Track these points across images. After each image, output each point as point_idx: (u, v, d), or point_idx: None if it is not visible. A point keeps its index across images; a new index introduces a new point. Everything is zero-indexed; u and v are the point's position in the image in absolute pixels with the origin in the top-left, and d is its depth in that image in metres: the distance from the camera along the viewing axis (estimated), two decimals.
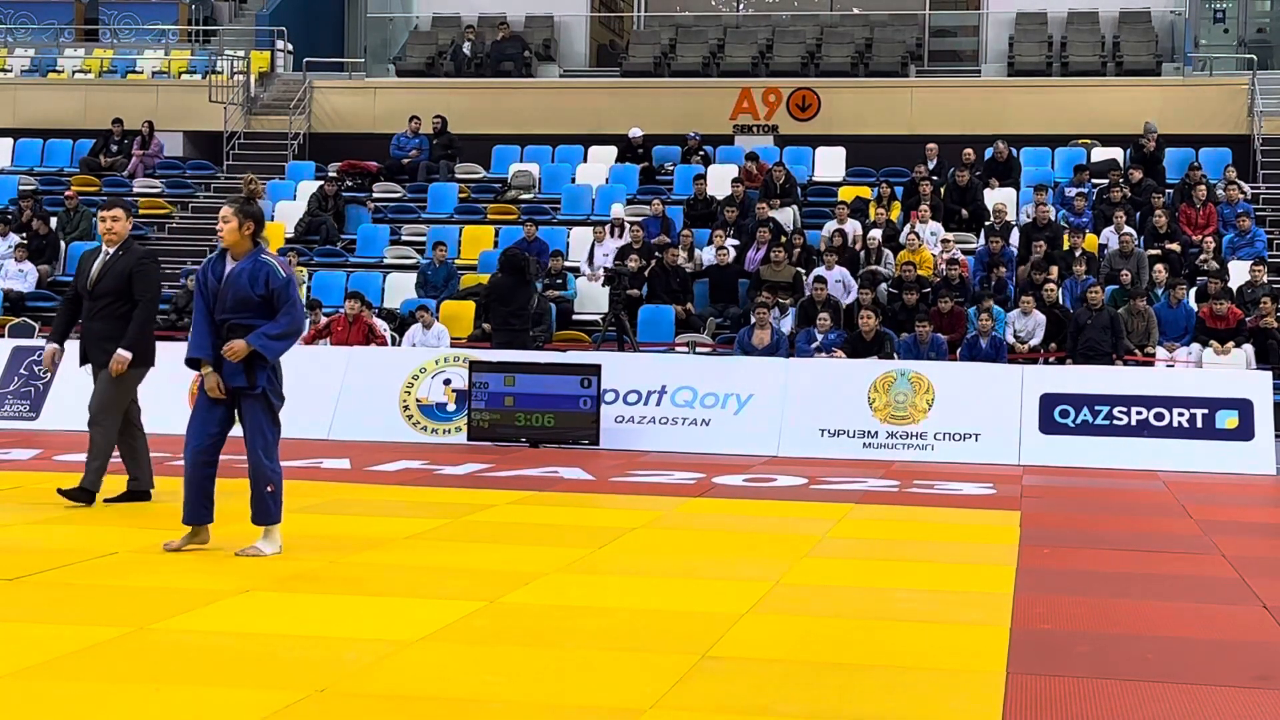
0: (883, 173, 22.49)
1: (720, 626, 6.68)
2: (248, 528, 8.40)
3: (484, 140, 24.91)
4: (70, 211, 22.17)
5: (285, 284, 8.08)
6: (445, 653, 6.15)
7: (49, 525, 8.63)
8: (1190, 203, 20.21)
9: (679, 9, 29.08)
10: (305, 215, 22.26)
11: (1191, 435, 14.87)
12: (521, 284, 17.28)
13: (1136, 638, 6.74)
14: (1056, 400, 15.13)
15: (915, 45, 27.22)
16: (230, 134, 25.79)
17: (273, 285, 8.05)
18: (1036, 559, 8.83)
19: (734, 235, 20.05)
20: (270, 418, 8.20)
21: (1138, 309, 17.23)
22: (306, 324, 8.38)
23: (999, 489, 12.61)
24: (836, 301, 17.93)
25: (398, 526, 9.58)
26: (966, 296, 17.92)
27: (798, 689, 5.68)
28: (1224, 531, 10.27)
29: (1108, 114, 24.01)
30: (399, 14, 29.47)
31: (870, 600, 7.48)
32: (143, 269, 9.90)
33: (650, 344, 17.99)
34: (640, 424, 15.52)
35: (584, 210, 22.34)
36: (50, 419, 15.69)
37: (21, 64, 28.15)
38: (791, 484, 12.60)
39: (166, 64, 27.96)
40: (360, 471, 12.83)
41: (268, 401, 8.16)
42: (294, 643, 6.24)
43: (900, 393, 15.31)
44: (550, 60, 27.88)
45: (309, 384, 16.13)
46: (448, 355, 16.30)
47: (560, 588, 7.64)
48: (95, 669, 5.75)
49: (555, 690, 5.59)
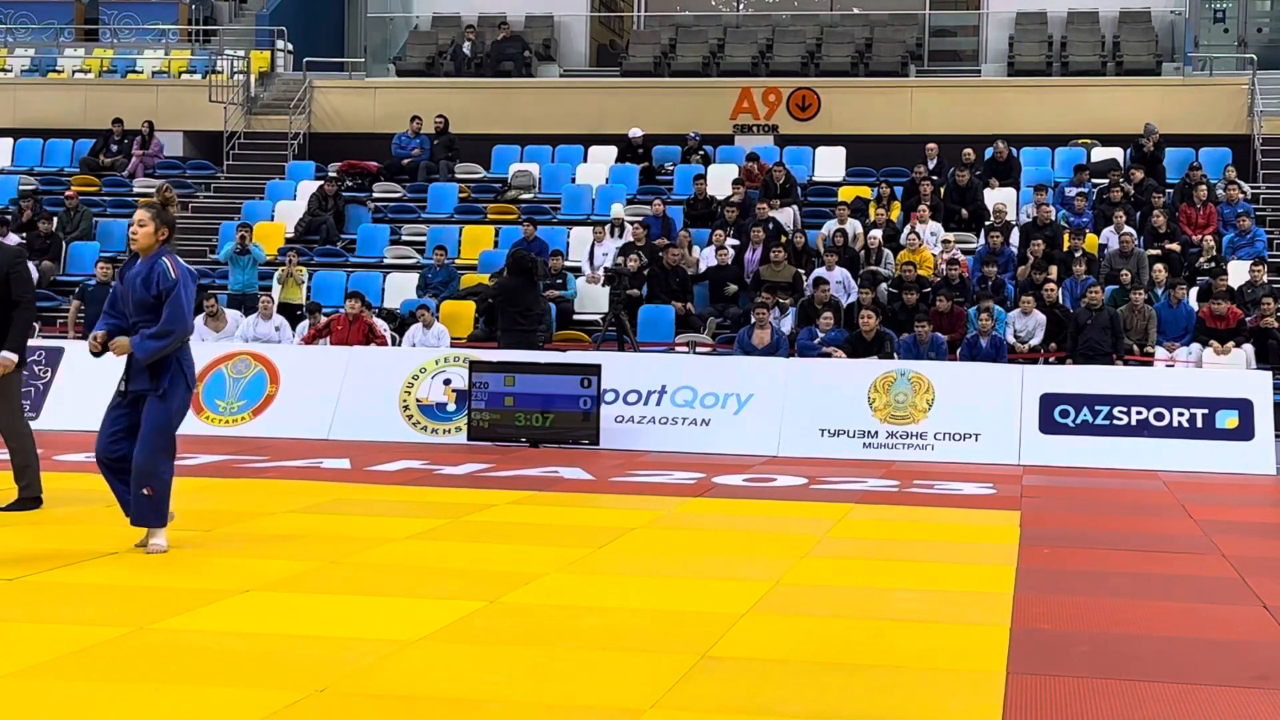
0: (883, 173, 22.49)
1: (720, 626, 6.68)
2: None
3: (484, 140, 24.91)
4: (70, 211, 22.17)
5: (173, 285, 8.14)
6: (445, 653, 6.15)
7: (49, 525, 8.63)
8: (1190, 203, 20.21)
9: (679, 9, 29.07)
10: (305, 215, 22.27)
11: (1191, 435, 14.87)
12: (530, 285, 17.29)
13: (1136, 638, 6.74)
14: (1056, 400, 15.13)
15: (915, 45, 27.22)
16: (230, 134, 25.78)
17: (162, 286, 8.16)
18: (1036, 559, 8.83)
19: (734, 235, 20.05)
20: (169, 420, 8.23)
21: (1138, 306, 17.23)
22: (192, 325, 8.53)
23: (999, 489, 12.61)
24: (837, 301, 17.93)
25: (398, 526, 9.58)
26: (966, 296, 17.92)
27: (798, 689, 5.68)
28: (1224, 531, 10.26)
29: (1108, 114, 24.01)
30: (399, 14, 29.46)
31: (870, 600, 7.48)
32: (18, 270, 9.81)
33: (650, 344, 17.99)
34: (640, 424, 15.52)
35: (584, 210, 22.34)
36: (50, 419, 15.69)
37: (21, 64, 28.14)
38: (791, 484, 12.59)
39: (166, 64, 27.95)
40: (360, 471, 12.83)
41: (169, 403, 8.22)
42: (294, 643, 6.24)
43: (900, 393, 15.31)
44: (550, 60, 27.88)
45: (309, 384, 16.19)
46: (448, 355, 16.30)
47: (560, 588, 7.64)
48: (95, 669, 5.74)
49: (555, 690, 5.59)
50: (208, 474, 12.27)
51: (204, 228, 23.05)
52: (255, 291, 19.42)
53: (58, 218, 22.06)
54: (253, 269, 19.98)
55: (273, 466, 12.99)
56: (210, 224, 23.01)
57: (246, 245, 19.93)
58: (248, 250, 19.92)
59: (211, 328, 17.80)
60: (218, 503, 10.62)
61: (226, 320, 18.03)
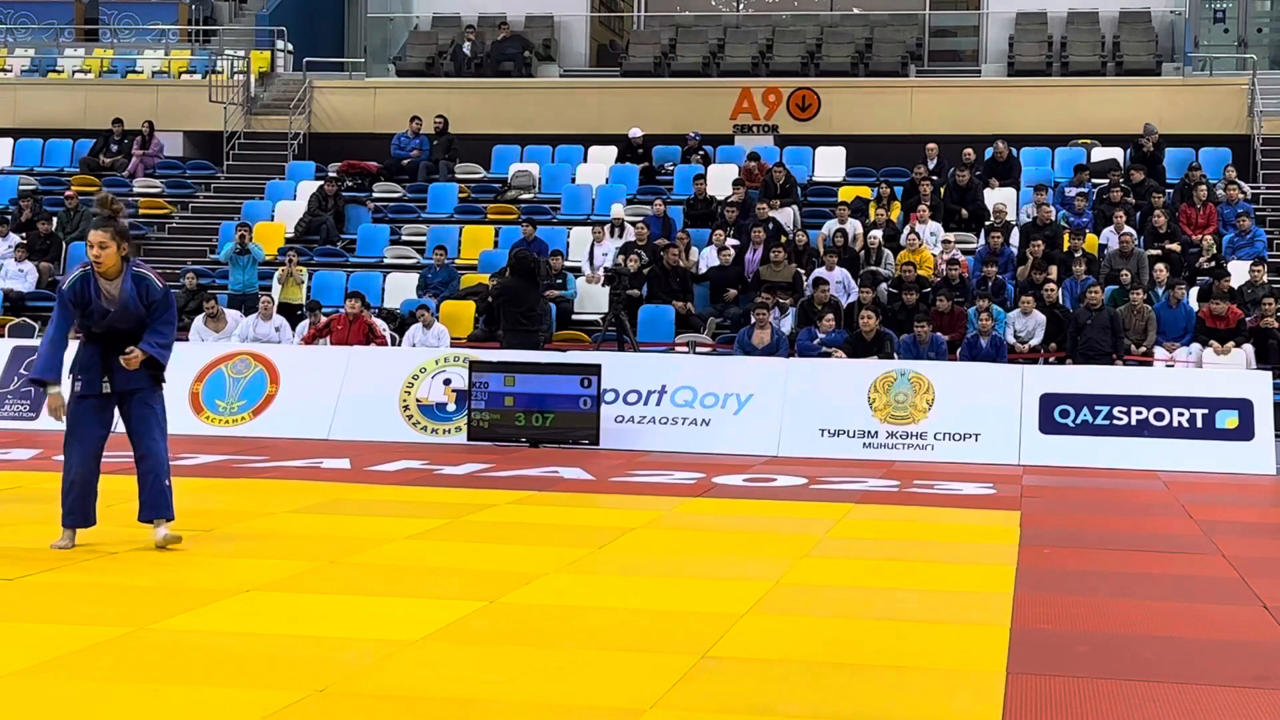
0: (883, 173, 22.49)
1: (720, 626, 6.68)
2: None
3: (484, 140, 24.90)
4: (70, 211, 22.17)
5: (163, 293, 8.46)
6: (445, 653, 6.15)
7: (49, 525, 8.63)
8: (1190, 203, 20.21)
9: (679, 9, 29.07)
10: (305, 215, 22.27)
11: (1191, 435, 14.87)
12: (532, 285, 17.29)
13: (1136, 638, 6.74)
14: (1056, 400, 15.13)
15: (915, 45, 27.21)
16: (230, 134, 25.78)
17: (154, 295, 8.41)
18: (1036, 559, 8.83)
19: (734, 235, 20.04)
20: (164, 411, 8.59)
21: (1136, 306, 17.23)
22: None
23: (999, 489, 12.61)
24: (837, 302, 17.93)
25: (398, 526, 9.58)
26: (966, 296, 17.92)
27: (798, 689, 5.68)
28: (1224, 531, 10.26)
29: (1108, 114, 24.00)
30: (399, 14, 29.45)
31: (870, 600, 7.48)
32: None
33: (650, 344, 17.99)
34: (640, 424, 15.52)
35: (584, 210, 22.34)
36: (50, 419, 15.66)
37: (21, 64, 28.13)
38: (791, 484, 12.59)
39: (166, 64, 27.95)
40: (360, 471, 12.83)
41: (161, 394, 8.57)
42: (294, 643, 6.24)
43: (900, 393, 15.31)
44: (550, 60, 27.88)
45: (309, 384, 16.19)
46: (448, 355, 16.30)
47: (560, 588, 7.64)
48: (95, 669, 5.74)
49: (555, 690, 5.59)
50: (208, 474, 12.27)
51: (204, 228, 23.05)
52: (255, 291, 19.43)
53: (57, 218, 22.06)
54: (253, 269, 19.99)
55: (273, 466, 12.99)
56: (210, 224, 23.01)
57: (246, 245, 19.94)
58: (247, 250, 19.93)
59: (211, 328, 17.80)
60: (218, 503, 10.62)
61: (226, 320, 18.03)
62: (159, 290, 8.44)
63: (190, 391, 16.02)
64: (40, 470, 12.04)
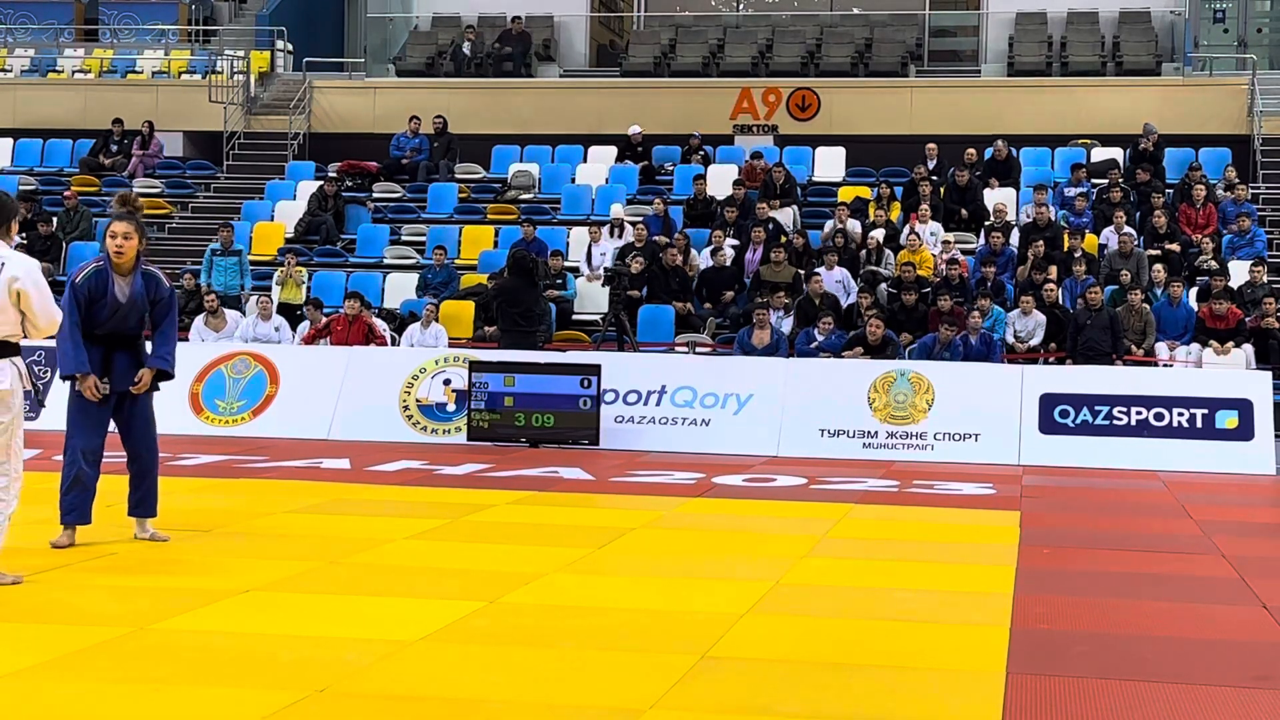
0: (883, 173, 22.49)
1: (720, 626, 6.68)
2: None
3: (484, 140, 24.90)
4: (70, 211, 22.16)
5: (170, 292, 8.55)
6: (445, 653, 6.15)
7: (49, 525, 8.63)
8: (1190, 203, 20.21)
9: (679, 9, 29.07)
10: (305, 215, 22.26)
11: (1191, 435, 14.87)
12: (530, 285, 17.28)
13: (1136, 638, 6.74)
14: (1056, 400, 15.13)
15: (915, 45, 27.21)
16: (230, 134, 25.78)
17: (161, 294, 8.49)
18: (1036, 559, 8.83)
19: (734, 235, 20.04)
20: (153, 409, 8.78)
21: (1135, 306, 17.22)
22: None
23: (999, 489, 12.61)
24: (834, 299, 17.93)
25: (397, 526, 9.58)
26: (966, 296, 17.91)
27: (798, 689, 5.68)
28: (1224, 531, 10.26)
29: (1107, 114, 24.00)
30: (399, 14, 29.46)
31: (870, 600, 7.48)
32: None
33: (650, 344, 17.98)
34: (640, 424, 15.52)
35: (584, 210, 22.33)
36: (50, 419, 15.66)
37: (21, 64, 28.13)
38: (791, 484, 12.59)
39: (166, 64, 27.95)
40: (360, 471, 12.83)
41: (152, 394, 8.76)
42: (294, 643, 6.24)
43: (900, 393, 15.31)
44: (550, 60, 27.87)
45: (309, 384, 16.18)
46: (448, 355, 16.30)
47: (560, 588, 7.64)
48: (95, 669, 5.74)
49: (555, 690, 5.59)
50: (208, 474, 12.27)
51: (204, 228, 23.03)
52: (236, 293, 19.43)
53: (57, 218, 22.05)
54: (235, 269, 19.91)
55: (272, 466, 12.99)
56: (210, 224, 22.98)
57: (229, 245, 19.92)
58: (231, 249, 19.89)
59: (212, 327, 17.80)
60: (217, 503, 10.63)
61: (226, 320, 18.03)
62: (166, 290, 8.52)
63: (190, 391, 16.02)
64: (40, 470, 12.03)
